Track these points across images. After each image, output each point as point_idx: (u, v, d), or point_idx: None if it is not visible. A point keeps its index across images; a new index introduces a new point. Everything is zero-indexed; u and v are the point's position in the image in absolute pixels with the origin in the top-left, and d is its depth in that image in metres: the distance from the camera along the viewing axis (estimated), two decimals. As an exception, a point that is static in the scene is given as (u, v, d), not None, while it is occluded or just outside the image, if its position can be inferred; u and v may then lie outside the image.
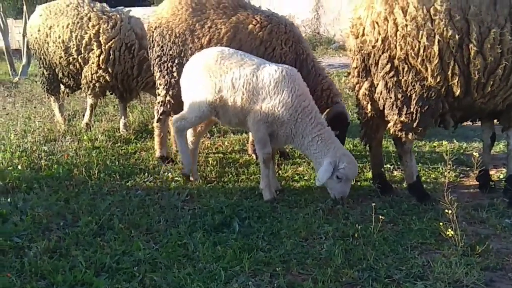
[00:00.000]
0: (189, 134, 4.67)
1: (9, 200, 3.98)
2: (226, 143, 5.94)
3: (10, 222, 3.61)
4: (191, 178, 4.66)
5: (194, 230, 3.56)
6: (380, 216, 3.47)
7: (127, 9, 6.41)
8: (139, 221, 3.70)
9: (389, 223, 3.67)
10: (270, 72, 4.02)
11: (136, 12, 6.95)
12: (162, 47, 4.99)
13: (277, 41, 4.77)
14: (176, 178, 4.73)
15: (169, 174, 4.83)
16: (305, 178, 4.71)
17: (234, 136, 6.25)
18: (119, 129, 6.58)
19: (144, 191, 4.41)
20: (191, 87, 4.35)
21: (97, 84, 6.07)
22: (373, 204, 3.58)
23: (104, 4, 6.37)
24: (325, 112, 4.62)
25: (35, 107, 6.94)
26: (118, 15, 6.08)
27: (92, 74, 6.02)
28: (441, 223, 3.40)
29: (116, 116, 7.15)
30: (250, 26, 4.77)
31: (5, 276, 2.85)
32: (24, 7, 12.98)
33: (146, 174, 4.85)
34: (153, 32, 5.10)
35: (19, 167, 4.62)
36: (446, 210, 3.33)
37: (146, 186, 4.58)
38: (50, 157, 5.03)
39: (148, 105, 7.46)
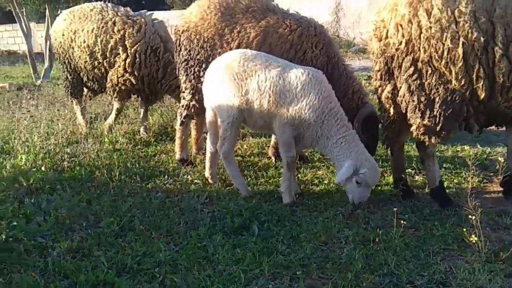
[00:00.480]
0: (210, 141, 4.65)
1: (33, 200, 4.05)
2: (245, 146, 5.96)
3: (34, 222, 3.68)
4: (210, 181, 4.68)
5: (213, 232, 3.57)
6: (402, 221, 3.43)
7: (149, 12, 6.48)
8: (160, 223, 3.73)
9: (410, 228, 3.62)
10: (297, 74, 4.01)
11: (157, 16, 7.00)
12: (189, 51, 4.99)
13: (308, 44, 4.74)
14: (196, 181, 4.75)
15: (189, 176, 4.85)
16: (325, 182, 4.68)
17: (253, 139, 6.26)
18: (139, 131, 6.66)
19: (164, 193, 4.44)
20: (215, 92, 4.33)
21: (123, 87, 6.12)
22: (395, 209, 3.55)
23: (128, 9, 6.44)
24: (358, 113, 4.58)
25: (58, 110, 7.03)
26: (142, 19, 6.13)
27: (118, 78, 6.07)
28: (464, 229, 3.34)
29: (136, 119, 7.22)
30: (280, 29, 4.75)
31: (30, 275, 2.90)
32: (47, 11, 13.24)
33: (166, 176, 4.89)
34: (180, 36, 5.10)
35: (43, 168, 4.70)
36: (470, 216, 3.28)
37: (166, 188, 4.61)
38: (73, 159, 5.10)
39: (167, 108, 7.52)
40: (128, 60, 5.97)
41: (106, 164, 5.07)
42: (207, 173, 4.71)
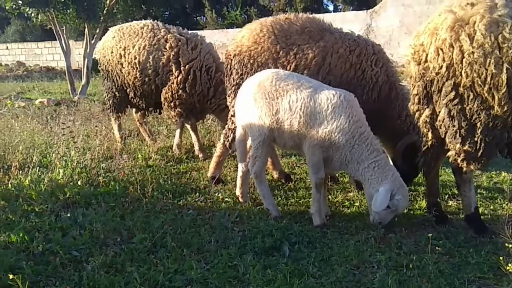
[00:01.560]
0: (239, 160, 4.68)
1: (69, 214, 4.14)
2: (271, 171, 5.96)
3: (70, 236, 3.76)
4: (241, 200, 4.71)
5: (244, 252, 3.58)
6: (436, 247, 3.36)
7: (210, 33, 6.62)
8: (191, 240, 3.76)
9: (445, 255, 3.54)
10: (328, 96, 4.02)
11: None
12: (241, 75, 4.95)
13: (367, 63, 4.72)
14: (226, 199, 4.79)
15: (220, 194, 4.90)
16: (356, 204, 4.64)
17: (282, 159, 6.27)
18: (171, 148, 6.77)
19: (196, 211, 4.49)
20: (247, 110, 4.36)
21: (177, 103, 6.17)
22: (430, 234, 3.48)
23: (180, 28, 6.54)
24: (401, 141, 4.52)
25: (96, 127, 7.23)
26: (198, 38, 6.28)
27: (173, 94, 6.14)
28: (500, 257, 3.24)
29: (168, 135, 7.37)
30: (340, 50, 4.71)
31: (65, 288, 2.97)
32: (86, 29, 13.72)
33: (197, 194, 4.94)
34: (231, 59, 5.07)
35: (79, 183, 4.82)
36: (506, 244, 3.20)
37: (197, 205, 4.66)
38: (108, 174, 5.22)
39: (198, 126, 7.63)
40: (180, 77, 6.05)
41: (140, 180, 5.17)
42: (238, 192, 4.74)
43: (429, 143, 4.03)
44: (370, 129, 4.07)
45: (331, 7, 24.91)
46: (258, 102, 4.22)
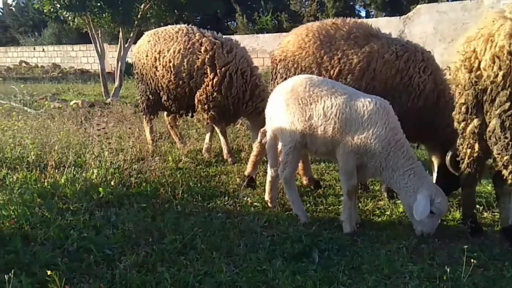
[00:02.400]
0: (269, 165, 4.67)
1: (102, 213, 4.25)
2: (301, 177, 5.94)
3: (103, 234, 3.85)
4: (270, 205, 4.70)
5: (273, 257, 3.58)
6: (471, 260, 3.28)
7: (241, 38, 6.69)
8: (220, 243, 3.79)
9: (479, 267, 3.44)
10: (364, 103, 3.99)
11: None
12: (285, 80, 4.92)
13: (415, 69, 4.63)
14: (255, 203, 4.80)
15: (248, 198, 4.92)
16: (387, 213, 4.58)
17: (312, 165, 6.23)
18: (201, 151, 6.84)
19: (225, 214, 4.52)
20: (279, 115, 4.35)
21: (211, 105, 6.22)
22: (465, 246, 3.40)
23: (214, 32, 6.62)
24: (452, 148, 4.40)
25: (130, 128, 7.38)
26: (232, 41, 6.35)
27: (207, 96, 6.19)
28: (538, 273, 3.15)
29: (198, 139, 7.45)
30: (386, 55, 4.66)
31: (99, 286, 3.03)
32: (120, 33, 14.02)
33: (226, 197, 4.98)
34: (277, 64, 5.11)
35: (112, 183, 4.92)
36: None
37: (226, 209, 4.69)
38: (139, 175, 5.32)
39: (228, 130, 7.68)
40: (215, 79, 6.11)
41: (170, 182, 5.24)
42: (266, 197, 4.74)
43: (475, 154, 3.86)
44: (405, 137, 4.01)
45: (363, 13, 24.68)
46: (291, 108, 4.21)
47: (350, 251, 3.72)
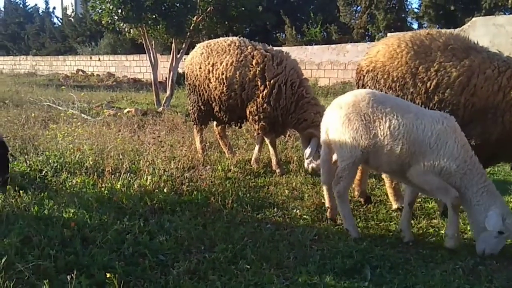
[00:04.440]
0: (322, 179, 4.62)
1: (156, 220, 4.37)
2: (354, 187, 5.87)
3: (157, 240, 3.96)
4: (328, 215, 4.62)
5: (323, 271, 3.56)
6: (534, 285, 3.14)
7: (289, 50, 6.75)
8: (270, 255, 3.80)
9: (541, 294, 3.29)
10: (432, 123, 3.89)
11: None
12: None
13: None
14: (304, 216, 4.79)
15: (298, 211, 4.92)
16: (441, 232, 4.43)
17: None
18: (249, 162, 6.90)
19: (274, 226, 4.54)
20: (339, 130, 4.22)
21: (261, 116, 6.31)
22: (527, 271, 3.25)
23: (266, 44, 6.72)
24: None
25: (183, 137, 7.56)
26: (283, 54, 6.43)
27: (258, 107, 6.29)
28: None
29: (246, 149, 7.52)
30: (488, 70, 4.43)
31: (153, 290, 3.12)
32: (173, 44, 14.44)
33: (276, 209, 4.99)
34: (364, 76, 5.00)
35: (165, 190, 5.06)
36: None
37: (275, 220, 4.71)
38: (191, 183, 5.43)
39: (277, 141, 7.71)
40: (266, 91, 6.21)
41: (220, 191, 5.32)
42: (327, 204, 4.69)
43: None
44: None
45: (415, 26, 24.13)
46: (353, 123, 4.10)
47: (403, 270, 3.63)
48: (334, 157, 4.51)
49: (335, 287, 3.29)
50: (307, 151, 5.91)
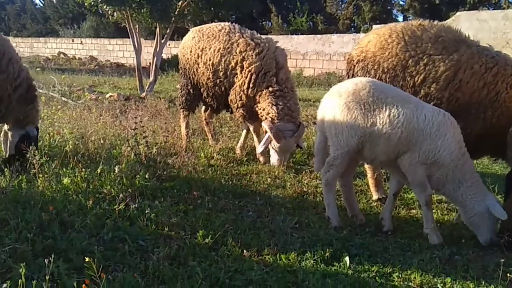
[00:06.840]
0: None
1: (136, 205, 4.32)
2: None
3: (137, 225, 3.93)
4: (357, 219, 4.52)
5: (303, 258, 3.59)
6: (508, 274, 3.20)
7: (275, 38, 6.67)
8: (251, 242, 3.81)
9: (514, 283, 3.36)
10: (433, 114, 3.91)
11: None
12: None
13: (503, 85, 4.31)
14: (286, 204, 4.81)
15: (279, 199, 4.93)
16: (420, 222, 4.50)
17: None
18: (233, 149, 6.88)
19: (255, 213, 4.56)
20: (336, 117, 4.14)
21: (239, 104, 6.27)
22: (502, 260, 3.32)
23: (254, 32, 6.62)
24: None
25: (166, 123, 7.49)
26: (266, 44, 6.28)
27: (236, 96, 6.26)
28: None
29: (230, 137, 7.48)
30: (476, 66, 4.39)
31: (132, 276, 3.10)
32: (157, 29, 14.24)
33: (257, 197, 5.00)
34: (354, 65, 4.95)
35: (146, 176, 5.00)
36: None
37: (257, 208, 4.72)
38: (173, 170, 5.40)
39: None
40: (242, 80, 6.16)
41: (202, 178, 5.30)
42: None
43: None
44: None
45: (400, 18, 24.26)
46: (352, 112, 4.04)
47: (381, 258, 3.69)
48: None
49: (314, 274, 3.30)
50: (259, 149, 6.06)
